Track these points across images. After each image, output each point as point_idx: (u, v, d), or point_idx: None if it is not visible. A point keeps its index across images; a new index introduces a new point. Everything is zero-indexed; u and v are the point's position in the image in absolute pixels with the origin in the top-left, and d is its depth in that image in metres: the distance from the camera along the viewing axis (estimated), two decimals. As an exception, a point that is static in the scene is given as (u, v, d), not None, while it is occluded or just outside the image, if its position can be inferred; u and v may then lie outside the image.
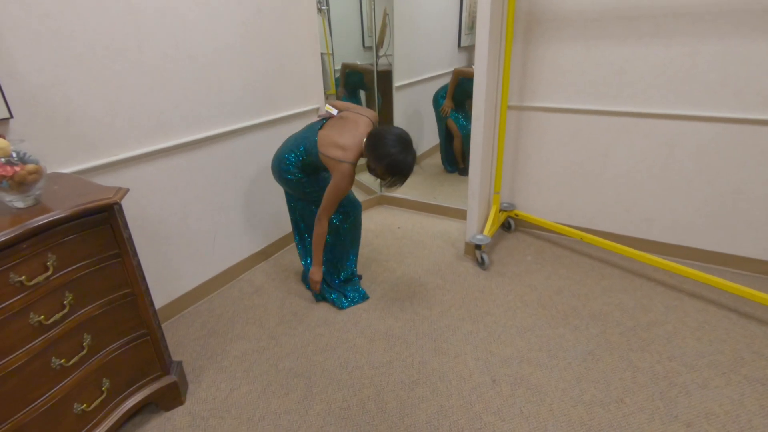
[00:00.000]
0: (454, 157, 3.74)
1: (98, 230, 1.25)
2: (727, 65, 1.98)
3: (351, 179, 1.78)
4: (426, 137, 4.07)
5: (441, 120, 3.63)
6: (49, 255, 1.15)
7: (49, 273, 1.14)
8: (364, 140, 1.80)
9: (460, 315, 2.02)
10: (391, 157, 1.70)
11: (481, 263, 2.39)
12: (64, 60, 1.48)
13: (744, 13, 1.89)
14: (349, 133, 1.82)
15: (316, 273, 2.01)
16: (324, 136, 1.83)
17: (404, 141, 1.74)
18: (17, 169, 1.12)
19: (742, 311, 1.97)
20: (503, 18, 2.25)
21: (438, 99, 3.58)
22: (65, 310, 1.20)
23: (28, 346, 1.12)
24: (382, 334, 1.92)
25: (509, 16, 2.19)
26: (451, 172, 3.80)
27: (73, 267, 1.21)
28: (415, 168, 3.93)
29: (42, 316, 1.14)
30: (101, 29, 1.55)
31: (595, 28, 2.18)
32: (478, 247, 2.39)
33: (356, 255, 2.22)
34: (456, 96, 3.45)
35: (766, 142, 2.02)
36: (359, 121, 1.86)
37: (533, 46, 2.36)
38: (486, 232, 2.44)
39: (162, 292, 1.99)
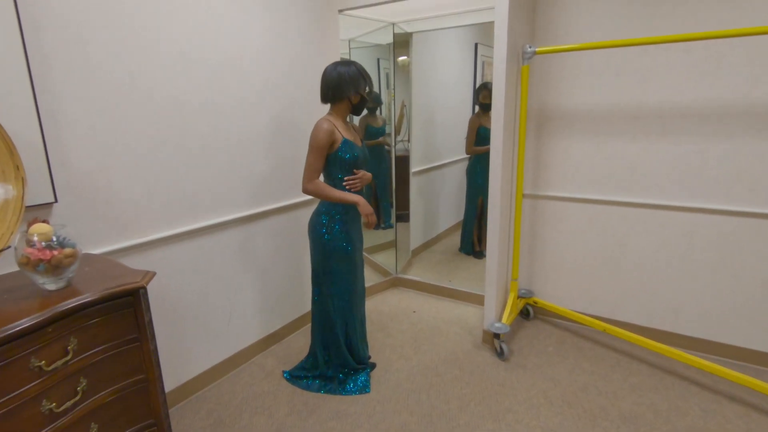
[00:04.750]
0: (472, 239, 3.75)
1: (121, 314, 1.26)
2: (738, 162, 2.05)
3: (322, 130, 1.84)
4: (441, 219, 4.14)
5: (472, 195, 3.66)
6: (71, 339, 1.15)
7: (68, 357, 1.14)
8: (329, 105, 1.96)
9: (480, 411, 1.90)
10: (349, 74, 1.87)
11: (501, 353, 2.29)
12: (113, 148, 1.61)
13: (749, 116, 1.99)
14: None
15: (365, 206, 1.92)
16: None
17: (338, 61, 1.92)
18: (55, 253, 1.17)
19: (789, 419, 1.82)
20: (516, 113, 2.40)
21: (473, 168, 3.60)
22: (77, 397, 1.17)
23: (35, 436, 1.08)
24: (397, 430, 1.80)
25: (522, 112, 2.34)
26: (467, 254, 3.80)
27: (92, 351, 1.21)
28: (430, 249, 3.97)
29: (54, 404, 1.11)
30: (150, 121, 1.71)
31: (604, 125, 2.31)
32: (496, 336, 2.32)
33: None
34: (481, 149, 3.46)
35: (787, 236, 2.01)
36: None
37: (545, 140, 2.49)
38: (504, 319, 2.38)
39: (172, 374, 1.94)
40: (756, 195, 2.04)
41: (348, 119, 2.04)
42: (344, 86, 1.88)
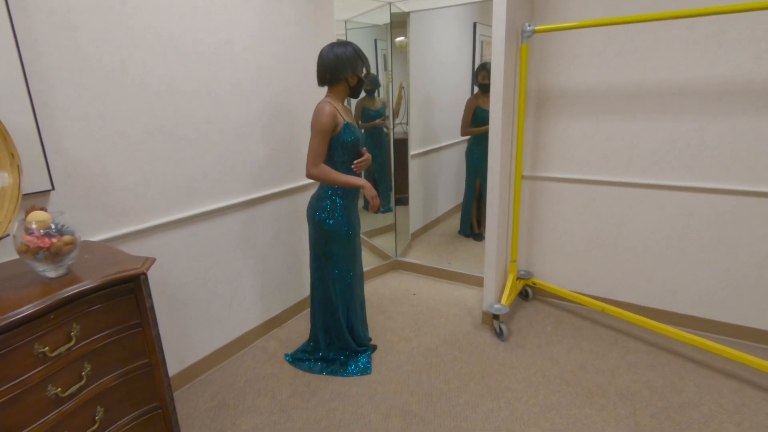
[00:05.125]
0: (471, 221, 3.76)
1: (123, 300, 1.27)
2: (737, 141, 2.03)
3: (325, 113, 1.82)
4: (441, 202, 4.14)
5: (471, 177, 3.66)
6: (74, 325, 1.16)
7: (72, 343, 1.15)
8: (325, 88, 1.94)
9: (480, 390, 1.94)
10: (346, 55, 1.84)
11: (500, 334, 2.32)
12: (107, 136, 1.59)
13: (749, 94, 1.97)
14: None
15: (370, 188, 1.92)
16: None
17: (334, 42, 1.89)
18: (54, 240, 1.17)
19: (782, 393, 1.86)
20: (515, 94, 2.37)
21: (471, 150, 3.59)
22: (82, 382, 1.19)
23: (42, 420, 1.10)
24: (398, 410, 1.84)
25: (521, 92, 2.31)
26: (466, 236, 3.81)
27: (95, 337, 1.22)
28: (430, 232, 3.98)
29: (59, 389, 1.13)
30: (143, 108, 1.69)
31: (604, 104, 2.29)
32: (496, 317, 2.34)
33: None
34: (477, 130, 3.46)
35: (785, 215, 2.01)
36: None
37: (544, 120, 2.47)
38: (504, 301, 2.40)
39: (176, 359, 1.96)
40: (755, 174, 2.03)
41: (345, 102, 2.02)
42: (341, 68, 1.85)
